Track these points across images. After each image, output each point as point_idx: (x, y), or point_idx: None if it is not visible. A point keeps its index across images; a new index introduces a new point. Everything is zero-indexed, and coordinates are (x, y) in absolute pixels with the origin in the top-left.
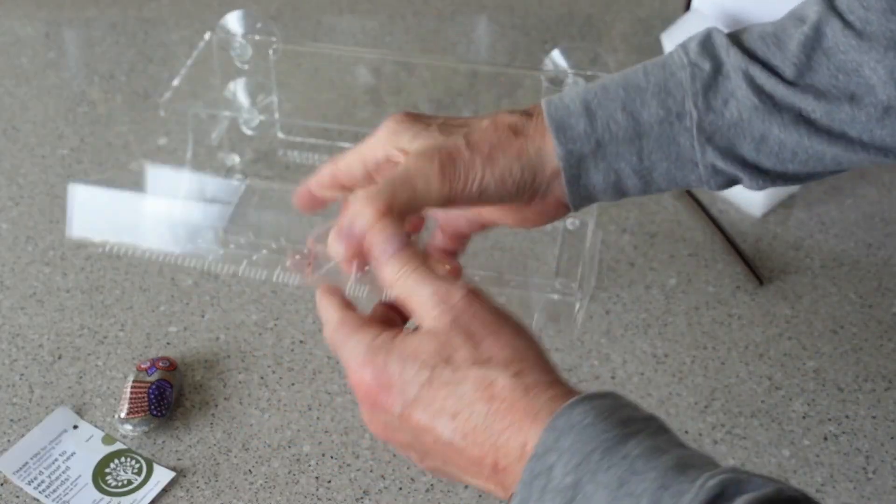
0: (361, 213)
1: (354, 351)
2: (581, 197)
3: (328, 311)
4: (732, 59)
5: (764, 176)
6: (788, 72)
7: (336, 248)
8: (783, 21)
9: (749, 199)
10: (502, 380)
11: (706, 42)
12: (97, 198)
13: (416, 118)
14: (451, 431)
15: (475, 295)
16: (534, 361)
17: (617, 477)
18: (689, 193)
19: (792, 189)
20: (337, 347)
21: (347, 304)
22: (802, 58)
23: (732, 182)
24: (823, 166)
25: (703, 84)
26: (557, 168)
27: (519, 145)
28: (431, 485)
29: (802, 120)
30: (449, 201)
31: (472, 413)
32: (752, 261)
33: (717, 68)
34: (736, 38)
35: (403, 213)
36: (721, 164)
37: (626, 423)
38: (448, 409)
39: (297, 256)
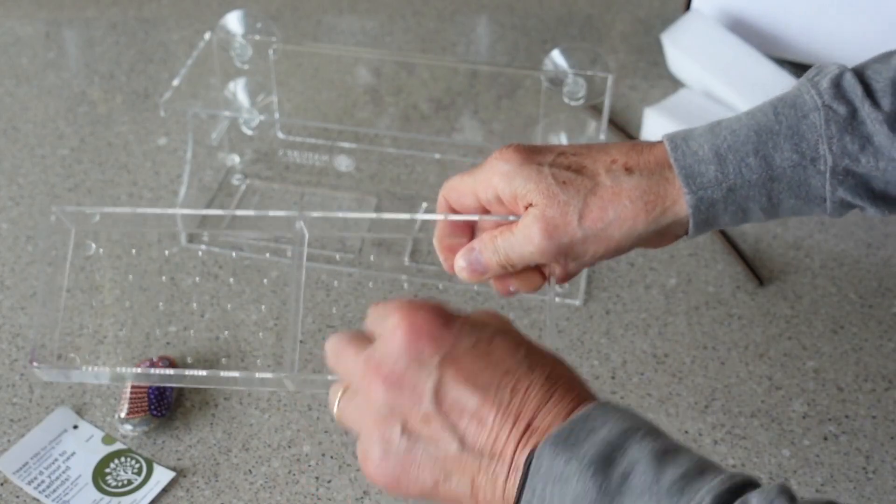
0: (487, 257)
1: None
2: (704, 232)
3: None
4: (867, 107)
5: (892, 207)
6: None
7: (459, 263)
8: None
9: None
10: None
11: (838, 83)
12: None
13: (526, 156)
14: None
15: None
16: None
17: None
18: None
19: None
20: (332, 364)
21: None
22: None
23: (853, 208)
24: None
25: (839, 128)
26: (684, 216)
27: (640, 217)
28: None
29: None
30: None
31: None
32: (752, 261)
33: (853, 113)
34: (865, 81)
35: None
36: (850, 198)
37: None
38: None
39: None
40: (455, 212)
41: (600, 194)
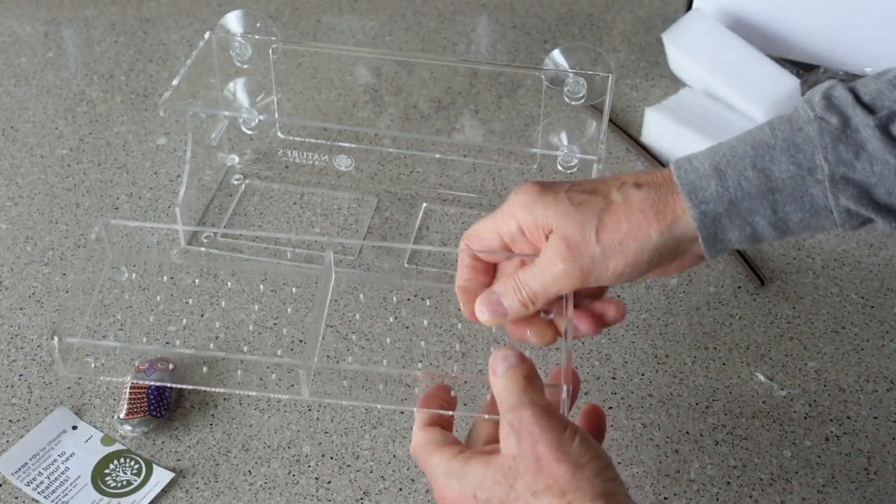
0: (508, 299)
1: (435, 472)
2: (718, 250)
3: (414, 429)
4: (859, 114)
5: None
6: None
7: (481, 309)
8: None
9: None
10: None
11: (829, 96)
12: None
13: (543, 187)
14: None
15: (540, 416)
16: (587, 490)
17: None
18: None
19: None
20: (420, 464)
21: (430, 421)
22: None
23: (867, 222)
24: None
25: (833, 138)
26: (694, 233)
27: (652, 226)
28: (431, 486)
29: None
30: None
31: None
32: (753, 261)
33: (845, 122)
34: (855, 92)
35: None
36: (854, 207)
37: None
38: None
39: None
40: (478, 260)
41: (613, 210)
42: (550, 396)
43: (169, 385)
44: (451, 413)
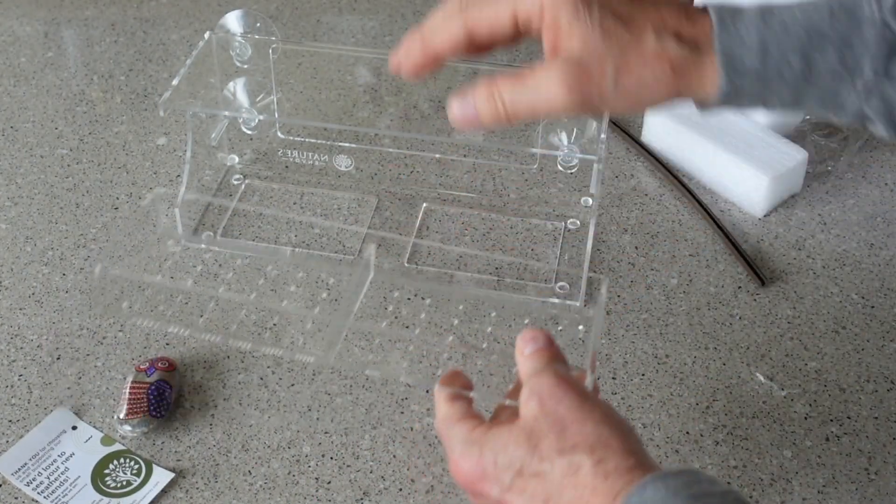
0: (486, 110)
1: (453, 443)
2: (725, 107)
3: (437, 403)
4: None
5: None
6: None
7: (451, 106)
8: None
9: (751, 199)
10: (586, 467)
11: None
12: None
13: None
14: None
15: (562, 380)
16: (616, 447)
17: None
18: (691, 193)
19: (794, 189)
20: (441, 438)
21: (455, 397)
22: None
23: (866, 122)
24: None
25: (890, 48)
26: (710, 96)
27: (675, 88)
28: (431, 486)
29: None
30: None
31: (561, 498)
32: (753, 261)
33: None
34: None
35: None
36: (872, 115)
37: (698, 497)
38: (539, 495)
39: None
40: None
41: (642, 53)
42: None
43: (169, 388)
44: (471, 395)
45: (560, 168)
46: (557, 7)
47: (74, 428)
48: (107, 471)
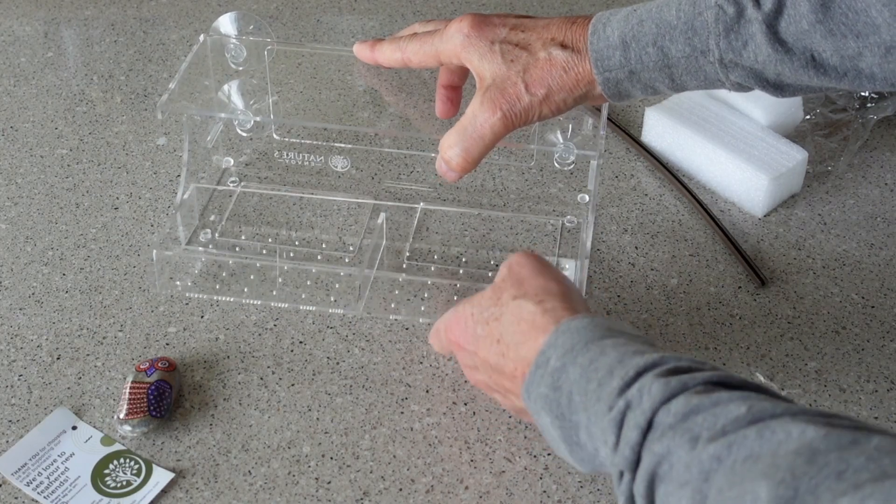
0: (452, 163)
1: (448, 313)
2: (624, 100)
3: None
4: (751, 7)
5: (783, 92)
6: (806, 17)
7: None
8: None
9: (751, 200)
10: (529, 306)
11: None
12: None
13: (482, 31)
14: (496, 354)
15: (531, 254)
16: (559, 296)
17: (589, 359)
18: (691, 193)
19: (794, 189)
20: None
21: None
22: (818, 2)
23: (752, 89)
24: (837, 90)
25: (726, 27)
26: (598, 90)
27: (571, 82)
28: (431, 486)
29: (813, 63)
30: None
31: (508, 335)
32: (753, 261)
33: (740, 13)
34: None
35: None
36: (745, 82)
37: (615, 331)
38: (494, 335)
39: None
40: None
41: (539, 66)
42: None
43: (169, 388)
44: None
45: (557, 165)
46: (469, 52)
47: (74, 428)
48: (107, 471)
